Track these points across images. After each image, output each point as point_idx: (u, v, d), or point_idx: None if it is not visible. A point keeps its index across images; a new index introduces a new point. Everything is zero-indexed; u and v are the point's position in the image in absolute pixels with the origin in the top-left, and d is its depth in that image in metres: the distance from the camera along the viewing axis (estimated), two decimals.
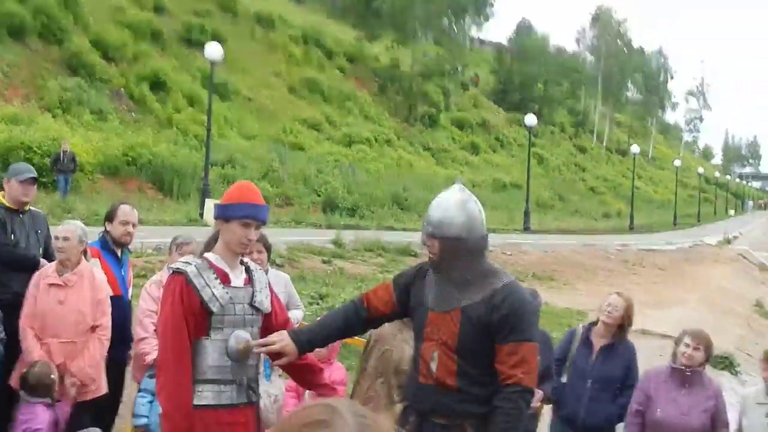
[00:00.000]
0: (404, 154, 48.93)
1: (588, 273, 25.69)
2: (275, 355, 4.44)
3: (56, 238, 6.06)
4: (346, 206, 33.21)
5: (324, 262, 18.41)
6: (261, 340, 4.37)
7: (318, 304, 12.67)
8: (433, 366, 4.26)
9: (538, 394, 6.02)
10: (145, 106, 36.08)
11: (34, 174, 6.85)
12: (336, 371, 6.37)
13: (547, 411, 6.72)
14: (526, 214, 37.72)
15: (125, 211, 6.67)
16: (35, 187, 6.86)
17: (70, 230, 6.12)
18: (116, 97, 35.07)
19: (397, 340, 5.27)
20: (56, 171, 24.05)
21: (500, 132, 66.47)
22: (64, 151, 24.10)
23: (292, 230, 23.90)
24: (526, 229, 36.60)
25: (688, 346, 6.14)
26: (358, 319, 4.58)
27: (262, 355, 4.57)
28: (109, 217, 6.68)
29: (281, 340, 4.37)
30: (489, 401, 4.22)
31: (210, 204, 23.26)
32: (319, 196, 33.49)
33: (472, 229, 4.31)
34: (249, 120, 41.35)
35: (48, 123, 27.91)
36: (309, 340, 4.48)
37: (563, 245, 30.26)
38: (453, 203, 4.34)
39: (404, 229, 29.20)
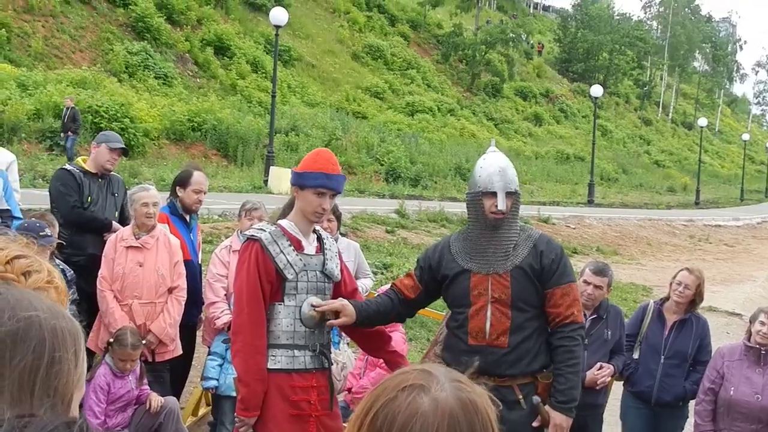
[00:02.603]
0: (467, 124, 48.66)
1: (653, 248, 25.39)
2: (334, 315, 4.48)
3: (145, 204, 6.09)
4: (408, 176, 33.16)
5: (388, 231, 18.46)
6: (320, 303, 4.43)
7: (383, 273, 12.69)
8: (487, 326, 4.42)
9: (609, 368, 5.97)
10: (210, 71, 36.35)
11: (124, 145, 6.94)
12: (396, 343, 6.37)
13: (617, 386, 6.64)
14: (591, 186, 37.27)
15: (199, 179, 6.69)
16: (120, 157, 6.94)
17: (158, 196, 6.20)
18: (181, 62, 35.38)
19: None
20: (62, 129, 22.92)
21: (564, 102, 65.66)
22: (67, 108, 23.16)
23: (356, 199, 23.98)
24: (590, 202, 36.20)
25: (763, 324, 6.02)
26: (401, 303, 4.75)
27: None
28: (182, 184, 6.67)
29: (341, 300, 4.47)
30: (536, 358, 4.47)
31: (275, 171, 23.41)
32: (381, 165, 33.48)
33: None
34: (312, 87, 41.43)
35: (114, 87, 28.27)
36: (367, 313, 4.57)
37: (627, 219, 29.91)
38: (508, 161, 4.64)
39: None
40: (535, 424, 4.45)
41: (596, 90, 38.57)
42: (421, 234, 19.21)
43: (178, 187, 6.69)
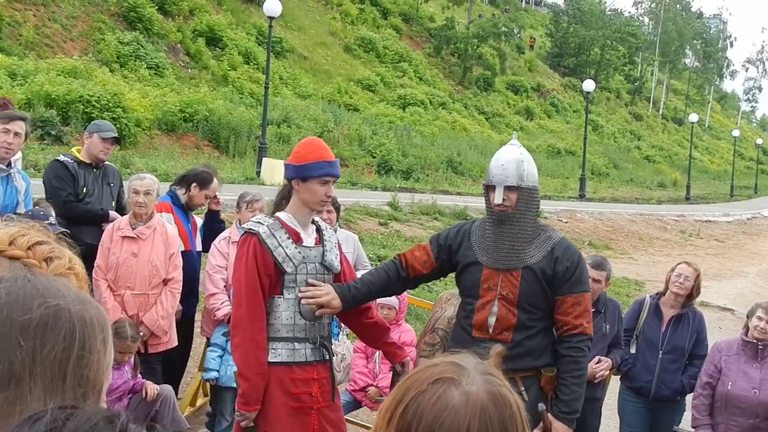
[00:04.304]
0: (459, 118, 48.63)
1: (644, 243, 25.46)
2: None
3: (136, 192, 6.06)
4: (400, 169, 33.09)
5: (380, 224, 18.42)
6: (309, 290, 4.35)
7: (377, 265, 12.67)
8: (491, 320, 4.37)
9: (608, 362, 5.98)
10: (201, 62, 36.22)
11: (116, 134, 6.91)
12: (405, 333, 6.38)
13: (614, 380, 6.65)
14: (582, 181, 37.26)
15: (215, 187, 6.87)
16: (114, 147, 6.91)
17: (152, 185, 6.15)
18: (173, 53, 35.25)
19: (443, 302, 5.29)
20: None
21: (555, 97, 65.73)
22: None
23: (348, 191, 23.92)
24: (582, 196, 36.21)
25: (761, 319, 6.05)
26: (398, 279, 4.68)
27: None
28: (201, 184, 6.75)
29: (327, 293, 4.39)
30: (541, 356, 4.42)
31: (267, 162, 23.35)
32: (373, 157, 33.40)
33: (536, 181, 4.56)
34: (304, 79, 41.34)
35: (106, 77, 28.11)
36: (354, 296, 4.51)
37: (619, 214, 29.98)
38: (524, 156, 4.53)
39: (459, 193, 29.14)
40: (536, 431, 4.41)
41: (588, 85, 38.56)
42: (414, 227, 19.20)
43: (194, 184, 6.71)
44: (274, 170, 23.24)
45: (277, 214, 4.43)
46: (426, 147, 37.42)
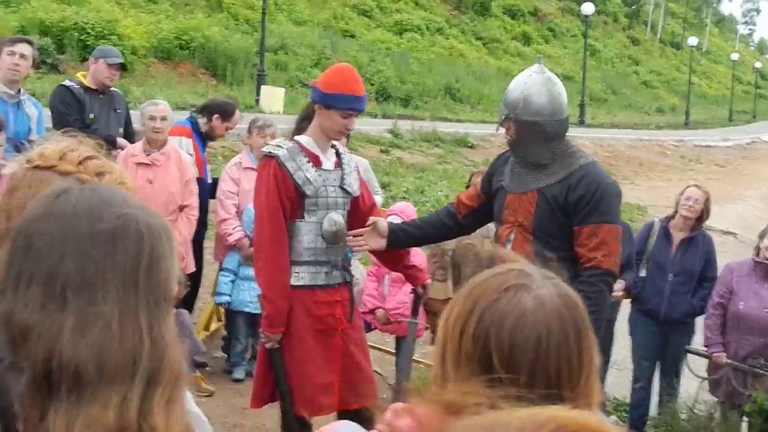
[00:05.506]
0: (456, 44, 48.06)
1: (645, 168, 25.48)
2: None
3: (152, 118, 6.03)
4: (399, 96, 32.83)
5: (382, 151, 18.35)
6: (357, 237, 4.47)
7: (381, 193, 12.66)
8: (509, 247, 4.23)
9: (620, 283, 6.01)
10: None
11: (122, 60, 6.85)
12: (416, 256, 6.39)
13: (625, 303, 6.70)
14: (581, 107, 36.96)
15: (237, 120, 6.92)
16: (119, 72, 6.86)
17: (167, 110, 6.12)
18: None
19: (479, 236, 5.29)
20: None
21: (552, 21, 64.94)
22: None
23: None
24: (581, 122, 35.99)
25: None
26: (449, 216, 4.62)
27: None
28: (224, 116, 6.78)
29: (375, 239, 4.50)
30: None
31: (266, 90, 23.17)
32: (372, 85, 33.08)
33: (551, 113, 4.23)
34: (299, 4, 40.76)
35: (100, 4, 27.64)
36: (406, 231, 4.57)
37: (619, 140, 29.90)
38: (531, 85, 4.27)
39: (458, 120, 29.00)
40: None
41: (588, 8, 38.10)
42: (415, 154, 19.16)
43: (216, 115, 6.70)
44: (273, 98, 23.08)
45: (297, 137, 4.42)
46: (424, 74, 37.06)
